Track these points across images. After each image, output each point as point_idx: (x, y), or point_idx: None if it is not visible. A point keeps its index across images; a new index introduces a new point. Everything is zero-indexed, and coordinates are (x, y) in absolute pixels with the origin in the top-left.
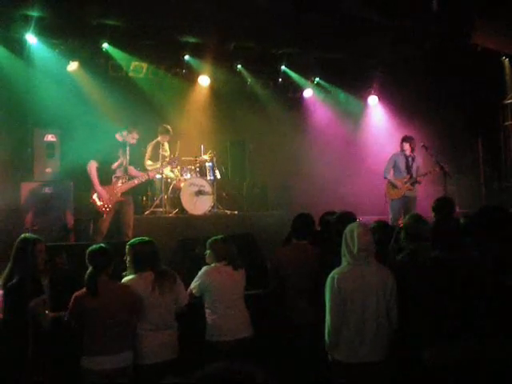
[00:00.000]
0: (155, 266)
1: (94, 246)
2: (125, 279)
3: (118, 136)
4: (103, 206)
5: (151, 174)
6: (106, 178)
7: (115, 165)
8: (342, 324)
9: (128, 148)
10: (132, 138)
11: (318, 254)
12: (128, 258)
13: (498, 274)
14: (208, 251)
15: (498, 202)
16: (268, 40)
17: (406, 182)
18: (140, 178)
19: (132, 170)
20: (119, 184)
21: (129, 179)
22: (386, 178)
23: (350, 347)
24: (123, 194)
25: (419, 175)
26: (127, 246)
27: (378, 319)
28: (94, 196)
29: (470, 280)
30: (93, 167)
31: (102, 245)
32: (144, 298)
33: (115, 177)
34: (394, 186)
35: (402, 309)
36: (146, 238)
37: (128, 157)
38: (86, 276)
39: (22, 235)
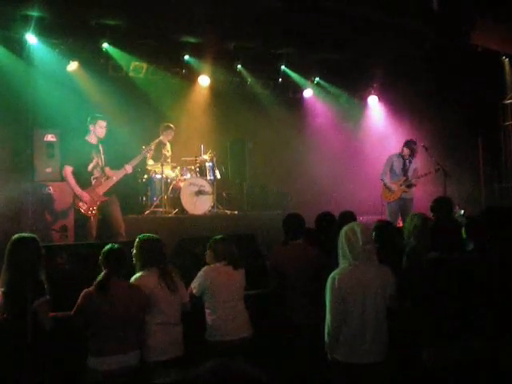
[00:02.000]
0: (161, 263)
1: (110, 247)
2: (135, 276)
3: (88, 138)
4: (88, 209)
5: (128, 167)
6: (84, 180)
7: (91, 166)
8: (343, 324)
9: (102, 148)
10: (99, 127)
11: (316, 254)
12: (136, 253)
13: (499, 274)
14: (208, 251)
15: (497, 202)
16: (268, 40)
17: (401, 185)
18: (118, 174)
19: (107, 170)
20: (99, 184)
21: (107, 178)
22: (382, 180)
23: (350, 347)
24: (105, 193)
25: (416, 177)
26: (137, 242)
27: (379, 319)
28: (77, 201)
29: (469, 280)
30: (68, 172)
31: (117, 245)
32: (154, 293)
33: (94, 178)
34: (389, 189)
35: (401, 308)
36: (154, 236)
37: (103, 156)
38: (100, 278)
39: (18, 235)
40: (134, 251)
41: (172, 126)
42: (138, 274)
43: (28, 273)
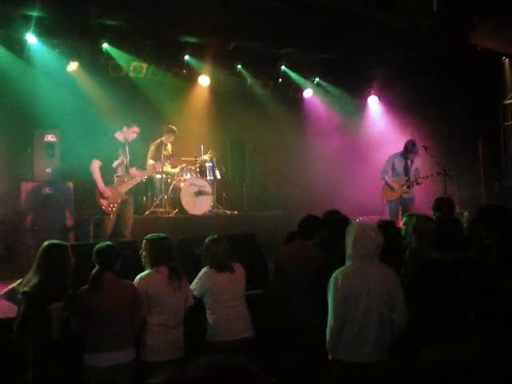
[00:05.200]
0: (169, 262)
1: (102, 244)
2: (141, 274)
3: (117, 135)
4: (109, 205)
5: (151, 169)
6: (107, 177)
7: (116, 163)
8: (346, 323)
9: (128, 148)
10: (133, 132)
11: (316, 253)
12: (144, 253)
13: (499, 273)
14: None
15: (497, 202)
16: (268, 40)
17: (402, 185)
18: (141, 176)
19: (133, 171)
20: (121, 183)
21: (131, 178)
22: (383, 178)
23: (351, 347)
24: (126, 192)
25: (418, 178)
26: (144, 242)
27: (381, 318)
28: (99, 197)
29: (470, 280)
30: (96, 166)
31: (109, 243)
32: (159, 292)
33: (117, 176)
34: (390, 187)
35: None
36: (162, 235)
37: (128, 156)
38: (92, 273)
39: (50, 241)
40: (143, 253)
41: (175, 129)
42: (145, 272)
43: (54, 279)
